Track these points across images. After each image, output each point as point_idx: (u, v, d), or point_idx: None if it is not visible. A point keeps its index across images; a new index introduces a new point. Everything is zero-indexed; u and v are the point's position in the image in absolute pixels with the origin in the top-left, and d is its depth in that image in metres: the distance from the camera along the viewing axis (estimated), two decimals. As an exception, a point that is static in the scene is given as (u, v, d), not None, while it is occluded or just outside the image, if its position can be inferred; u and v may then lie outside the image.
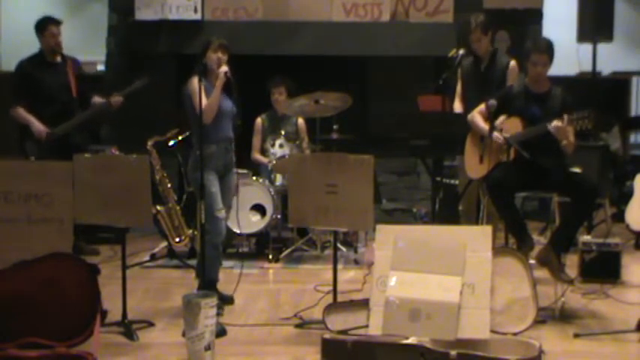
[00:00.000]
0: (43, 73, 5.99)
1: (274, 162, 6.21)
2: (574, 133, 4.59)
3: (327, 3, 7.42)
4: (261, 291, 5.22)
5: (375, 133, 7.60)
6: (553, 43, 4.70)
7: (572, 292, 4.94)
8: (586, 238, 5.47)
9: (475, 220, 5.42)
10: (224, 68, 4.60)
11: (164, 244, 6.15)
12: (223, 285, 4.87)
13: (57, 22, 6.04)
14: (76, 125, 6.02)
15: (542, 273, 4.74)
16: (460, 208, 6.09)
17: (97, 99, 6.12)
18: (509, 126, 4.83)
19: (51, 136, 5.86)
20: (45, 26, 5.98)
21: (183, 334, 3.85)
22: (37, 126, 5.84)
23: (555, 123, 4.47)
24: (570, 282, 4.69)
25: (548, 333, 4.26)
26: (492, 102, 4.77)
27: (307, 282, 5.37)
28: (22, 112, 5.88)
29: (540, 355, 3.57)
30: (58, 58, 6.05)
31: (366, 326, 3.79)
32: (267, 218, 6.09)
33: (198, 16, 7.25)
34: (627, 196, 6.47)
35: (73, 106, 6.04)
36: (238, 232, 6.01)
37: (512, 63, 5.62)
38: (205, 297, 3.76)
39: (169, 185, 6.01)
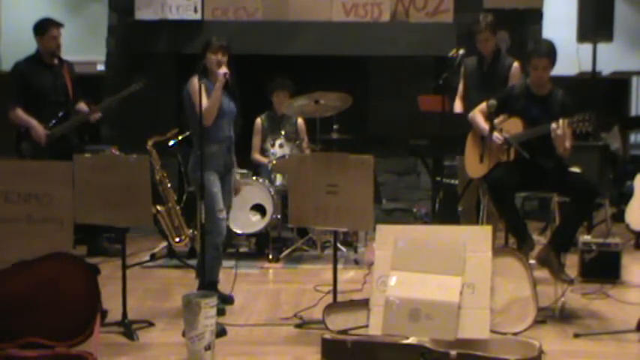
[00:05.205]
0: (40, 74, 5.95)
1: (274, 162, 6.21)
2: (572, 135, 4.58)
3: (327, 3, 7.42)
4: (261, 291, 5.22)
5: (375, 133, 7.60)
6: (555, 46, 4.68)
7: (572, 292, 4.94)
8: (586, 238, 5.47)
9: (475, 220, 5.42)
10: (223, 70, 4.59)
11: (164, 244, 6.16)
12: (223, 285, 4.88)
13: (58, 25, 5.99)
14: (71, 128, 6.01)
15: (542, 273, 4.74)
16: (460, 208, 6.09)
17: (82, 105, 6.10)
18: (510, 126, 4.84)
19: (49, 137, 5.85)
20: (46, 28, 5.92)
21: (183, 334, 3.85)
22: (38, 128, 5.82)
23: (554, 126, 4.46)
24: (570, 282, 4.68)
25: (548, 333, 4.26)
26: (492, 102, 4.77)
27: (307, 282, 5.37)
28: (21, 114, 5.86)
29: (540, 355, 3.57)
30: (55, 61, 6.03)
31: (366, 326, 3.79)
32: (267, 218, 6.09)
33: (198, 16, 7.25)
34: (627, 196, 6.49)
35: (69, 108, 6.03)
36: (239, 232, 6.01)
37: (516, 64, 5.61)
38: (205, 297, 3.76)
39: (169, 185, 6.01)
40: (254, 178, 6.19)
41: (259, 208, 6.13)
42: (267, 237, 6.21)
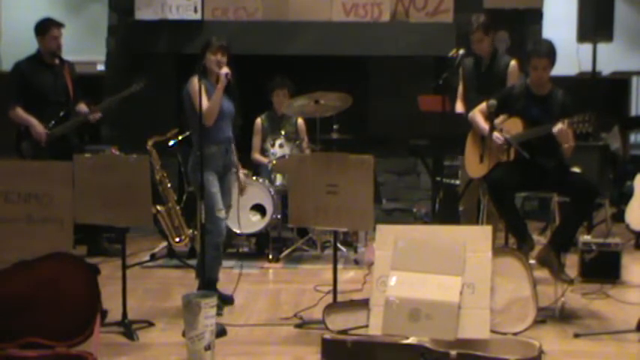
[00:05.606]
0: (41, 74, 5.96)
1: (274, 162, 6.21)
2: (574, 135, 4.59)
3: (327, 3, 7.42)
4: (261, 291, 5.22)
5: (375, 133, 7.60)
6: (554, 46, 4.68)
7: (572, 292, 4.95)
8: (586, 238, 5.47)
9: (475, 220, 5.43)
10: (225, 70, 4.59)
11: (164, 244, 6.16)
12: (223, 285, 4.88)
13: (59, 25, 5.99)
14: (71, 128, 6.01)
15: (542, 273, 4.74)
16: (461, 208, 6.09)
17: (82, 106, 6.10)
18: (510, 126, 4.84)
19: (49, 137, 5.85)
20: (47, 28, 5.93)
21: (183, 334, 3.85)
22: (37, 127, 5.83)
23: (559, 126, 4.47)
24: (570, 282, 4.68)
25: (548, 333, 4.26)
26: (492, 102, 4.78)
27: (307, 282, 5.37)
28: (21, 113, 5.86)
29: (540, 355, 3.57)
30: (56, 61, 6.03)
31: (366, 326, 3.79)
32: (267, 218, 6.09)
33: (198, 16, 7.25)
34: (627, 196, 6.49)
35: (70, 109, 6.03)
36: (238, 232, 6.01)
37: (513, 63, 5.62)
38: (205, 297, 3.76)
39: (169, 185, 6.02)
40: (254, 178, 6.19)
41: (259, 208, 6.13)
42: (267, 237, 6.21)
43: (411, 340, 3.61)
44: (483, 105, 4.94)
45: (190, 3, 7.21)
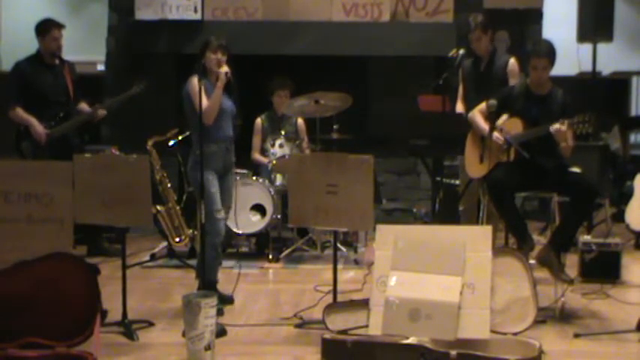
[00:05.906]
0: (41, 74, 5.96)
1: (274, 162, 6.21)
2: (574, 136, 4.60)
3: (327, 3, 7.43)
4: (261, 291, 5.22)
5: (375, 133, 7.60)
6: (554, 46, 4.69)
7: (572, 292, 4.95)
8: (586, 238, 5.47)
9: (475, 220, 5.43)
10: (225, 69, 4.59)
11: (164, 244, 6.16)
12: (223, 285, 4.88)
13: (60, 26, 5.99)
14: (72, 128, 6.02)
15: (542, 273, 4.73)
16: (461, 207, 6.09)
17: (84, 106, 6.10)
18: (510, 126, 4.84)
19: (49, 137, 5.85)
20: (48, 29, 5.93)
21: (183, 334, 3.85)
22: (37, 127, 5.83)
23: (556, 126, 4.47)
24: (570, 282, 4.68)
25: (548, 333, 4.26)
26: (492, 102, 4.78)
27: (307, 282, 5.37)
28: (21, 113, 5.86)
29: (540, 355, 3.57)
30: (56, 61, 6.03)
31: (366, 326, 3.79)
32: (267, 218, 6.09)
33: (198, 16, 7.26)
34: (627, 196, 6.49)
35: (70, 108, 6.03)
36: (238, 232, 6.01)
37: (512, 60, 5.62)
38: (205, 297, 3.77)
39: (169, 185, 6.02)
40: (254, 178, 6.19)
41: (259, 208, 6.13)
42: (267, 237, 6.21)
43: (411, 340, 3.61)
44: (483, 105, 4.94)
45: (190, 3, 7.22)
